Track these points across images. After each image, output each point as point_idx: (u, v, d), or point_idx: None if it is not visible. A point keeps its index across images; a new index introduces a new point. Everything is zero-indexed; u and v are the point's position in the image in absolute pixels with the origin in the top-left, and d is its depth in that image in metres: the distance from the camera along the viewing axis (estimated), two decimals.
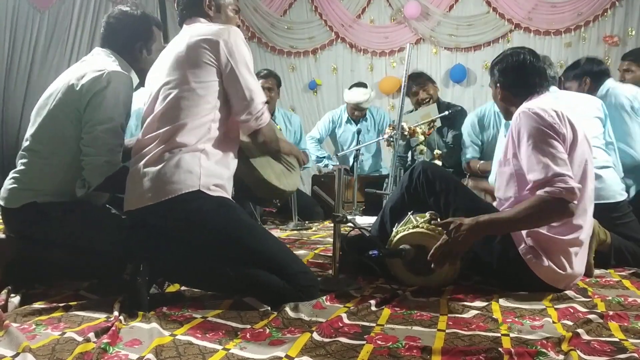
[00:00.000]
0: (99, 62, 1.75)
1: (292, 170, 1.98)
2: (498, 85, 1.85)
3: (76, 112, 1.69)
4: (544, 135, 1.62)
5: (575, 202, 1.54)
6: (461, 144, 3.53)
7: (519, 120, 1.69)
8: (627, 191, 2.41)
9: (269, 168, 1.84)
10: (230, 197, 1.65)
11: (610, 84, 2.65)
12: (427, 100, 3.72)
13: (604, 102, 2.47)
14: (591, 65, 2.73)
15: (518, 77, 1.80)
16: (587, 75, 2.69)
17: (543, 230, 1.64)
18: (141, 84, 1.91)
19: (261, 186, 1.78)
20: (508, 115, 1.88)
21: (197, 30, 1.64)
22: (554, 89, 2.32)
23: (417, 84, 3.73)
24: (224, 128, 1.64)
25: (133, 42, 1.85)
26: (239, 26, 1.78)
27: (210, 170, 1.57)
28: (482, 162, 3.36)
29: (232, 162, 1.67)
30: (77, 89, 1.68)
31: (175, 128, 1.55)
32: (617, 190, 2.22)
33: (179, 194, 1.51)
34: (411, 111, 3.75)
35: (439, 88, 4.01)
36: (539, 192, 1.56)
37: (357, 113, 4.23)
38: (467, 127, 3.45)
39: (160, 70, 1.66)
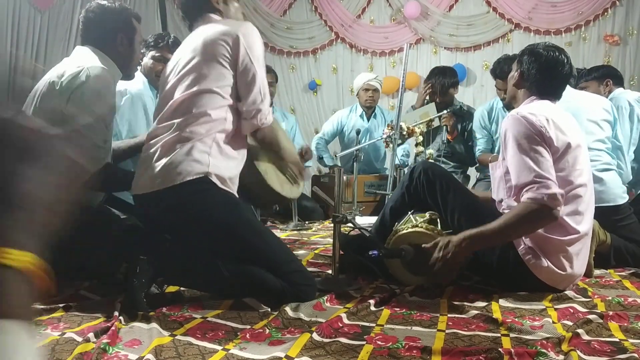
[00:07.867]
0: (79, 59, 1.75)
1: (294, 183, 1.99)
2: (518, 71, 1.84)
3: (58, 110, 1.68)
4: (530, 140, 1.62)
5: (559, 208, 1.54)
6: (472, 137, 3.50)
7: (507, 124, 1.70)
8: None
9: (273, 174, 1.85)
10: (235, 194, 1.66)
11: (619, 90, 2.74)
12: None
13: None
14: (615, 70, 2.84)
15: (541, 75, 1.77)
16: (610, 77, 2.79)
17: (540, 230, 1.64)
18: (125, 77, 1.92)
19: (263, 189, 1.79)
20: (509, 101, 1.89)
21: (215, 26, 1.65)
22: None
23: (434, 87, 3.60)
24: (235, 125, 1.65)
25: (114, 35, 1.83)
26: None
27: (219, 162, 1.58)
28: (493, 154, 3.28)
29: (240, 160, 1.69)
30: (57, 87, 1.67)
31: (188, 119, 1.57)
32: (618, 194, 2.21)
33: (187, 180, 1.53)
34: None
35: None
36: (523, 199, 1.57)
37: (370, 96, 4.05)
38: (477, 120, 3.42)
39: (176, 64, 1.67)
